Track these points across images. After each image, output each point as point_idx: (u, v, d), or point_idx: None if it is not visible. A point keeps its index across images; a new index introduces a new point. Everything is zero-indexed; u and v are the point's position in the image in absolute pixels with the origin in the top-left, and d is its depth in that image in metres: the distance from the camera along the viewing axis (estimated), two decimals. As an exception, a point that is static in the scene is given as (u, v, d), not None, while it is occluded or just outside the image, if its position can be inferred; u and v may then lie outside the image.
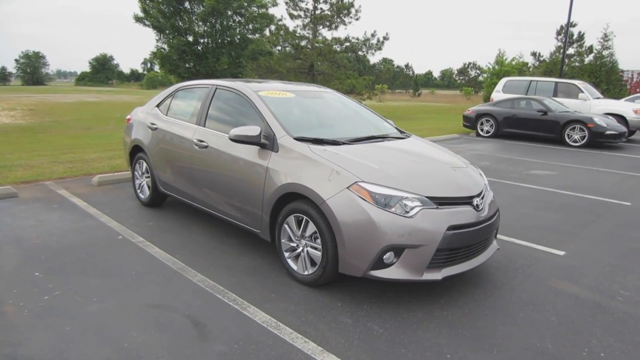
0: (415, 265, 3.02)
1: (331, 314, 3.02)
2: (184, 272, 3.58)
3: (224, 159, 3.95)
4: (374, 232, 2.95)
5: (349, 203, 3.03)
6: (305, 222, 3.30)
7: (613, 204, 6.13)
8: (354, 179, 3.09)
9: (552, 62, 27.82)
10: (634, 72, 25.26)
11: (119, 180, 6.46)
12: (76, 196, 5.65)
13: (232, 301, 3.13)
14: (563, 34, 38.23)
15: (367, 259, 2.99)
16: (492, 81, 26.46)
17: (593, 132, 11.34)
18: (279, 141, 3.57)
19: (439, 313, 3.09)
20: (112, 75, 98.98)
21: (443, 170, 3.55)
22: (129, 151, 5.43)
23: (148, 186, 5.20)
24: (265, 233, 3.68)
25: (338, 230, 3.04)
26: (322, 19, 27.15)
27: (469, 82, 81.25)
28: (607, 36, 24.22)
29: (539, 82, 14.55)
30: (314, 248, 3.30)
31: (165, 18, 11.92)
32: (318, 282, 3.29)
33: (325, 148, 3.47)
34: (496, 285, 3.54)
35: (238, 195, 3.83)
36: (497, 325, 2.95)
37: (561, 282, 3.64)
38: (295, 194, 3.38)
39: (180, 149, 4.50)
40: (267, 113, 3.79)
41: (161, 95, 5.23)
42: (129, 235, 4.34)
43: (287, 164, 3.44)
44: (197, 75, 12.27)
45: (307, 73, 28.34)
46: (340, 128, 4.24)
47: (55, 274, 3.48)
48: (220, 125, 4.20)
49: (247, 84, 4.25)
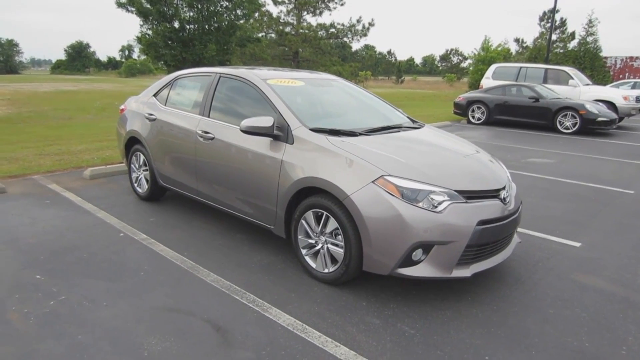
0: (444, 262, 2.90)
1: (357, 314, 2.88)
2: (195, 271, 3.39)
3: (233, 151, 3.74)
4: (403, 228, 2.80)
5: (375, 198, 2.88)
6: (326, 218, 3.14)
7: (616, 192, 6.12)
8: (379, 172, 2.94)
9: (537, 48, 27.98)
10: (617, 58, 25.60)
11: (112, 173, 6.19)
12: (69, 191, 5.38)
13: (252, 302, 2.97)
14: (546, 19, 38.58)
15: (395, 257, 2.85)
16: (477, 67, 26.51)
17: (585, 119, 11.39)
18: (294, 132, 3.38)
19: (468, 311, 2.98)
20: (89, 63, 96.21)
21: (466, 162, 3.42)
22: (124, 143, 5.16)
23: (146, 180, 4.96)
24: (279, 229, 3.51)
25: (363, 226, 2.89)
26: (307, 4, 26.86)
27: (451, 69, 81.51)
28: (591, 22, 24.45)
29: (529, 69, 14.55)
30: (334, 245, 3.14)
31: (150, 3, 11.47)
32: (340, 280, 3.14)
33: (343, 139, 3.31)
34: (519, 280, 3.45)
35: (249, 189, 3.64)
36: (528, 324, 2.85)
37: (583, 275, 3.57)
38: (313, 188, 3.21)
39: (182, 140, 4.28)
40: (279, 102, 3.59)
41: (158, 84, 4.96)
42: (131, 232, 4.12)
43: (304, 157, 3.26)
44: (184, 62, 11.90)
45: (292, 60, 28.04)
46: (353, 118, 4.06)
47: (58, 277, 3.25)
48: (227, 115, 3.98)
49: (253, 72, 4.03)
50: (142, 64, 73.83)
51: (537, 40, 36.77)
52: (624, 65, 25.84)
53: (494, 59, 25.37)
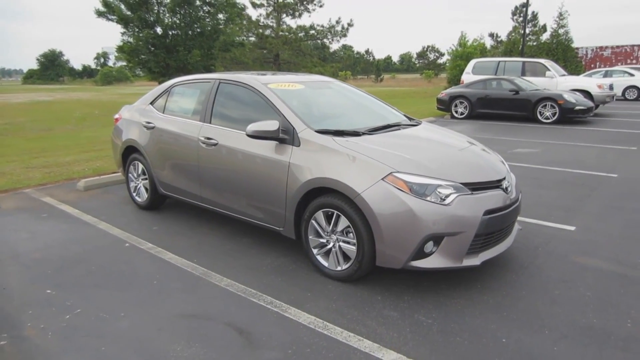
0: (455, 252, 3.00)
1: (375, 308, 2.96)
2: (207, 277, 3.42)
3: (238, 156, 3.78)
4: (414, 222, 2.89)
5: (386, 195, 2.96)
6: (337, 217, 3.20)
7: (601, 177, 6.34)
8: (388, 169, 3.02)
9: (511, 42, 28.56)
10: (587, 48, 26.30)
11: (106, 184, 6.14)
12: (64, 203, 5.33)
13: (269, 304, 3.01)
14: (518, 14, 39.37)
15: (408, 250, 2.94)
16: (455, 63, 26.85)
17: (563, 108, 11.71)
18: (300, 135, 3.44)
19: (479, 298, 3.08)
20: (63, 72, 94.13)
21: (467, 155, 3.53)
22: (121, 152, 5.14)
23: (146, 188, 4.95)
24: (289, 230, 3.56)
25: (375, 223, 2.97)
26: (286, 7, 26.88)
27: (429, 65, 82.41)
28: (562, 15, 25.08)
29: (507, 63, 14.89)
30: (346, 242, 3.21)
31: (131, 10, 11.32)
32: (353, 277, 3.21)
33: (348, 139, 3.38)
34: (523, 265, 3.58)
35: (256, 193, 3.68)
36: (538, 305, 2.97)
37: (582, 257, 3.72)
38: (322, 189, 3.28)
39: (183, 148, 4.29)
40: (283, 106, 3.64)
41: (155, 92, 4.96)
42: (136, 242, 4.12)
43: (312, 158, 3.32)
44: (167, 68, 11.80)
45: (273, 62, 28.03)
46: (353, 118, 4.14)
47: (70, 290, 3.24)
48: (229, 121, 4.02)
49: (253, 77, 4.07)
50: (118, 71, 72.67)
51: (510, 34, 37.53)
52: (594, 55, 26.59)
53: (471, 54, 25.75)
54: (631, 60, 25.70)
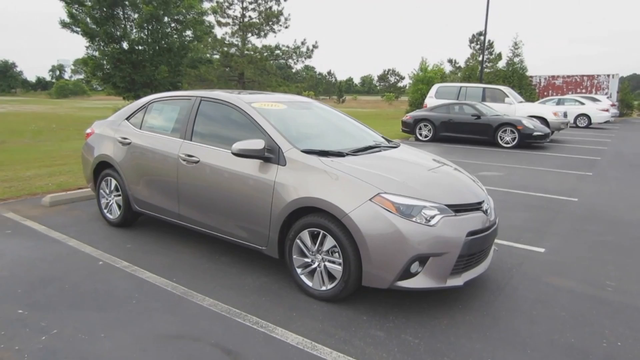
0: (440, 272, 3.07)
1: (361, 328, 2.97)
2: (189, 296, 3.34)
3: (220, 174, 3.75)
4: (402, 243, 2.95)
5: (373, 215, 3.01)
6: (322, 237, 3.22)
7: (563, 201, 6.67)
8: (375, 190, 3.08)
9: (470, 68, 29.80)
10: (540, 77, 27.79)
11: (73, 200, 5.91)
12: (30, 219, 5.09)
13: (255, 324, 2.97)
14: (475, 41, 41.20)
15: (394, 271, 2.99)
16: (417, 87, 27.74)
17: (522, 134, 12.29)
18: (285, 154, 3.46)
19: (462, 318, 3.15)
20: (16, 84, 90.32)
21: (449, 178, 3.65)
22: (93, 168, 4.98)
23: (118, 205, 4.80)
24: (272, 250, 3.54)
25: (362, 243, 3.01)
26: (251, 26, 27.02)
27: (389, 88, 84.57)
28: (517, 44, 26.44)
29: (469, 88, 15.52)
30: (331, 262, 3.23)
31: (97, 24, 11.05)
32: (338, 297, 3.23)
33: (334, 160, 3.43)
34: (499, 285, 3.70)
35: (239, 212, 3.66)
36: (517, 325, 3.07)
37: (554, 278, 3.88)
38: (308, 208, 3.29)
39: (161, 164, 4.21)
40: (268, 126, 3.66)
41: (131, 107, 4.86)
42: (110, 260, 3.98)
43: (298, 178, 3.34)
44: (133, 84, 11.56)
45: (237, 81, 27.99)
46: (335, 139, 4.20)
47: (43, 310, 3.09)
48: (211, 139, 3.99)
49: (236, 95, 4.08)
50: (75, 84, 70.56)
51: (468, 60, 39.18)
52: (547, 84, 28.14)
53: (431, 79, 26.70)
54: (581, 89, 27.36)
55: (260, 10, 26.74)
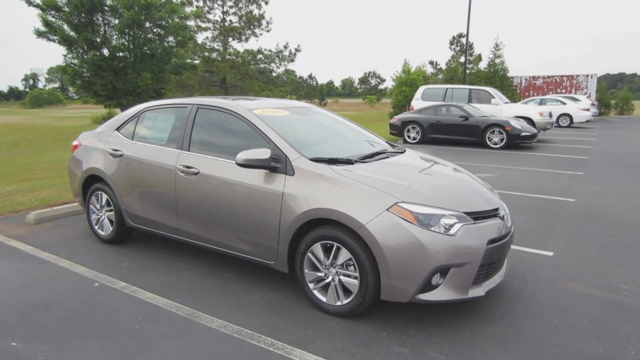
0: (461, 283, 2.94)
1: (383, 345, 2.82)
2: (195, 318, 3.14)
3: (223, 186, 3.56)
4: (422, 254, 2.81)
5: (392, 225, 2.87)
6: (337, 249, 3.07)
7: (560, 202, 6.64)
8: (392, 199, 2.94)
9: (452, 70, 30.05)
10: (521, 77, 28.18)
11: (59, 216, 5.63)
12: (14, 239, 4.80)
13: (271, 346, 2.79)
14: (455, 43, 41.66)
15: (415, 283, 2.85)
16: (400, 89, 27.78)
17: (510, 135, 12.34)
18: (293, 163, 3.29)
19: (484, 329, 3.03)
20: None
21: (463, 184, 3.53)
22: (81, 182, 4.73)
23: (110, 221, 4.57)
24: (281, 264, 3.37)
25: (381, 255, 2.86)
26: (232, 30, 26.75)
27: (370, 91, 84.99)
28: (498, 46, 26.75)
29: (455, 90, 15.57)
30: (346, 276, 3.08)
31: (75, 31, 10.69)
32: (355, 312, 3.07)
33: (344, 168, 3.28)
34: (516, 292, 3.59)
35: (244, 225, 3.47)
36: (542, 335, 2.96)
37: (568, 283, 3.79)
38: (319, 220, 3.14)
39: (158, 176, 4.00)
40: (272, 134, 3.49)
41: (121, 117, 4.63)
42: (106, 281, 3.75)
43: (308, 188, 3.17)
44: (115, 91, 11.21)
45: (219, 86, 27.67)
46: (340, 145, 4.05)
47: (39, 341, 2.85)
48: (211, 149, 3.80)
49: (236, 102, 3.90)
50: (49, 93, 69.06)
51: (449, 62, 39.57)
52: (528, 84, 28.57)
53: (414, 81, 26.80)
54: (560, 89, 27.83)
55: (241, 14, 26.52)
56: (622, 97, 37.53)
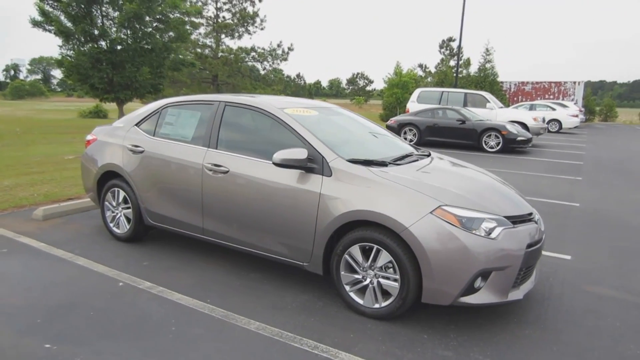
0: (502, 287, 2.95)
1: (427, 348, 2.81)
2: (231, 319, 3.09)
3: (255, 186, 3.50)
4: (467, 257, 2.81)
5: (436, 229, 2.86)
6: (376, 252, 3.04)
7: (566, 206, 6.73)
8: (436, 202, 2.93)
9: (443, 73, 30.33)
10: (511, 83, 28.57)
11: (67, 212, 5.49)
12: (25, 235, 4.66)
13: (315, 349, 2.76)
14: (445, 47, 42.02)
15: (459, 286, 2.84)
16: (392, 91, 27.99)
17: (507, 139, 12.49)
18: (331, 164, 3.26)
19: (521, 332, 3.04)
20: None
21: (497, 188, 3.54)
22: (97, 178, 4.61)
23: (127, 218, 4.47)
24: (316, 266, 3.33)
25: (424, 258, 2.85)
26: (225, 27, 26.52)
27: (358, 92, 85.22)
28: (488, 51, 27.10)
29: (450, 93, 15.70)
30: (386, 278, 3.06)
31: (73, 22, 10.42)
32: (394, 314, 3.05)
33: (383, 170, 3.26)
34: (544, 295, 3.62)
35: (277, 226, 3.42)
36: (579, 339, 2.99)
37: (592, 286, 3.84)
38: (357, 222, 3.11)
39: (183, 174, 3.93)
40: (307, 134, 3.45)
41: (141, 112, 4.53)
42: (130, 281, 3.66)
43: (347, 190, 3.14)
44: (112, 85, 10.98)
45: (211, 83, 27.42)
46: (370, 147, 4.02)
47: (73, 343, 2.76)
48: (240, 147, 3.74)
49: (267, 101, 3.84)
50: (31, 85, 67.53)
51: (438, 65, 39.89)
52: (517, 89, 29.01)
53: (406, 83, 27.02)
54: (549, 95, 28.32)
55: (234, 11, 26.30)
56: (607, 104, 38.45)
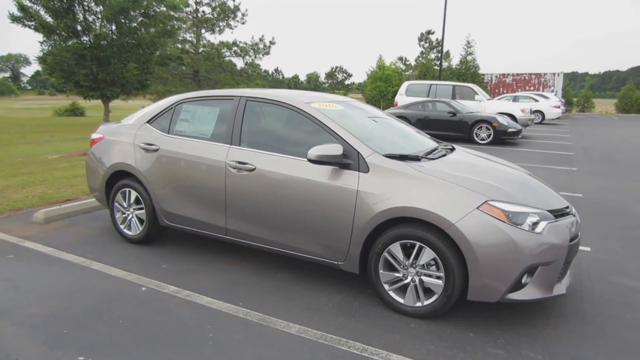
0: (547, 282, 2.91)
1: (476, 347, 2.75)
2: (269, 323, 2.97)
3: (285, 183, 3.38)
4: (516, 253, 2.76)
5: (483, 224, 2.79)
6: (419, 249, 2.96)
7: (570, 197, 6.76)
8: (482, 197, 2.86)
9: (424, 66, 30.46)
10: (492, 75, 28.90)
11: (68, 214, 5.25)
12: (29, 240, 4.43)
13: (364, 351, 2.67)
14: (424, 40, 42.25)
15: (507, 283, 2.79)
16: (375, 84, 27.98)
17: (497, 131, 12.60)
18: (367, 160, 3.16)
19: (564, 327, 3.02)
20: None
21: (532, 182, 3.50)
22: (106, 179, 4.40)
23: (139, 219, 4.28)
24: (352, 265, 3.24)
25: (472, 255, 2.78)
26: (206, 22, 26.02)
27: (337, 85, 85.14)
28: (469, 43, 27.31)
29: (439, 86, 15.75)
30: (428, 276, 2.98)
31: (55, 17, 9.97)
32: (437, 313, 2.99)
33: (420, 164, 3.18)
34: (574, 288, 3.61)
35: (310, 224, 3.31)
36: (622, 331, 2.98)
37: (619, 277, 3.85)
38: (397, 218, 3.02)
39: (203, 173, 3.77)
40: (339, 129, 3.34)
41: (153, 109, 4.33)
42: (153, 285, 3.49)
43: (387, 186, 3.05)
44: (97, 82, 10.59)
45: (192, 79, 26.91)
46: (397, 141, 3.90)
47: (109, 354, 2.60)
48: (267, 143, 3.60)
49: (292, 95, 3.71)
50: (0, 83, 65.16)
51: (418, 58, 40.08)
52: (498, 82, 29.37)
53: (389, 77, 27.05)
54: (529, 87, 28.77)
55: (214, 5, 25.80)
56: (584, 95, 39.37)
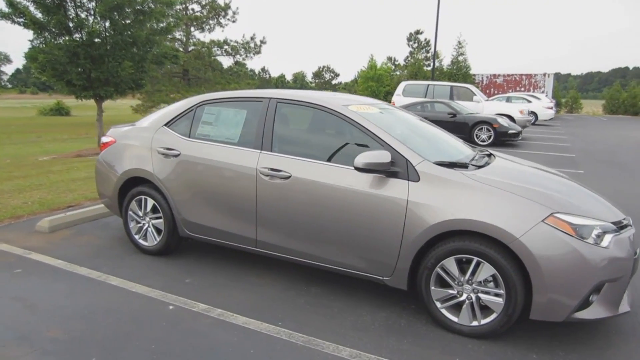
0: (614, 299, 2.74)
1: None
2: (316, 346, 2.73)
3: (325, 192, 3.14)
4: (584, 269, 2.57)
5: (549, 238, 2.60)
6: (476, 264, 2.76)
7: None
8: (547, 210, 2.67)
9: (415, 66, 30.42)
10: (483, 75, 28.99)
11: (74, 222, 4.93)
12: (35, 252, 4.11)
13: (426, 378, 2.45)
14: (413, 40, 42.25)
15: (575, 300, 2.60)
16: (366, 84, 27.87)
17: (498, 132, 12.52)
18: (417, 168, 2.94)
19: (626, 346, 2.85)
20: None
21: (585, 191, 3.31)
22: (119, 185, 4.11)
23: (157, 229, 4.00)
24: (399, 281, 3.02)
25: (537, 271, 2.59)
26: (196, 20, 25.53)
27: (324, 85, 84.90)
28: (460, 44, 27.35)
29: (436, 86, 15.64)
30: (486, 293, 2.78)
31: (46, 13, 9.51)
32: (496, 332, 2.79)
33: (473, 173, 2.98)
34: (625, 302, 3.45)
35: (354, 236, 3.08)
36: (689, 350, 2.82)
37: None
38: (451, 231, 2.81)
39: (231, 180, 3.51)
40: (383, 134, 3.12)
41: (170, 111, 4.04)
42: (181, 303, 3.23)
43: (441, 196, 2.83)
44: (90, 81, 10.14)
45: (182, 78, 26.39)
46: (439, 147, 3.69)
47: (146, 385, 2.34)
48: (301, 149, 3.36)
49: (328, 97, 3.47)
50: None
51: (407, 58, 40.02)
52: (489, 82, 29.47)
53: (381, 76, 26.94)
54: (520, 87, 28.94)
55: (204, 3, 25.32)
56: (572, 96, 39.82)
